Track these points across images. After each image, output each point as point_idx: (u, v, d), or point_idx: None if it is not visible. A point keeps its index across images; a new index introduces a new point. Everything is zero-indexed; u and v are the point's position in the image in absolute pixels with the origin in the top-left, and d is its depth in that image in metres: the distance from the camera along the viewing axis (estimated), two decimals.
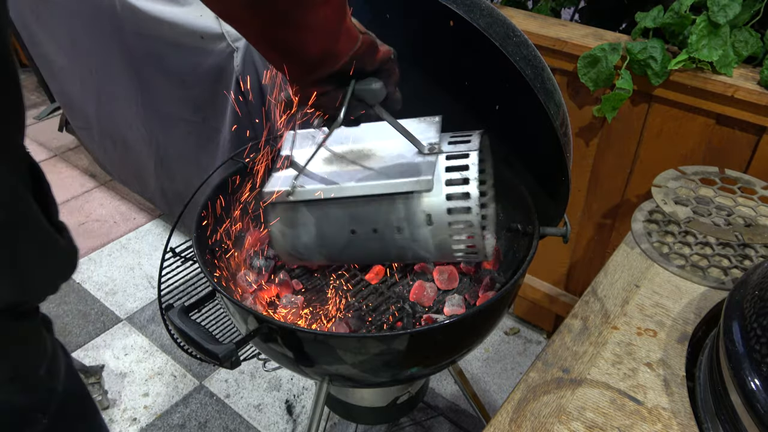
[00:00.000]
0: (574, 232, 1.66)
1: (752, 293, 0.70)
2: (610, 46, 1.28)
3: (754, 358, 0.63)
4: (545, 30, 1.39)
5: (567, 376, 0.79)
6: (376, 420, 1.27)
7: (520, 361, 1.88)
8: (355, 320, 0.94)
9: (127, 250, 2.31)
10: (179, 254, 1.05)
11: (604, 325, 0.87)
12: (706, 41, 1.19)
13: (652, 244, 1.01)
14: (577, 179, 1.55)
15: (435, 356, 0.89)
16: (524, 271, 0.88)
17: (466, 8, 0.76)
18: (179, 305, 0.80)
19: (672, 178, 1.10)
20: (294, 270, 1.08)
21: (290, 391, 1.78)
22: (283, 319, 0.95)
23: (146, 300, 2.08)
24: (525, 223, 1.01)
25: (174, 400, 1.75)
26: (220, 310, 1.18)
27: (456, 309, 0.96)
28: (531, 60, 0.79)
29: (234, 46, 1.58)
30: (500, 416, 0.74)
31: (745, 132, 1.25)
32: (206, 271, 0.86)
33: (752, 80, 1.20)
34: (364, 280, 1.06)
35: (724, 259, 0.99)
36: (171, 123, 1.86)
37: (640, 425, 0.73)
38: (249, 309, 0.83)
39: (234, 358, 0.75)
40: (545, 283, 1.83)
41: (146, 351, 1.90)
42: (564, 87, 1.44)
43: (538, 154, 1.02)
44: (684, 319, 0.87)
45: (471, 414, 1.70)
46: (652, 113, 1.35)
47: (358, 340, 0.82)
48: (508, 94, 0.93)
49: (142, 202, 2.54)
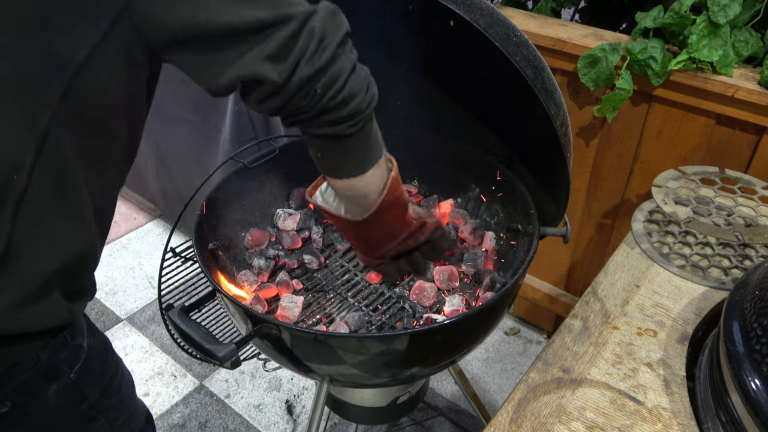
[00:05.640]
0: (574, 232, 1.66)
1: (752, 293, 0.70)
2: (610, 46, 1.28)
3: (754, 358, 0.63)
4: (545, 30, 1.39)
5: (567, 376, 0.79)
6: (376, 420, 1.27)
7: (520, 361, 1.88)
8: (355, 320, 0.94)
9: (127, 250, 2.31)
10: (179, 254, 1.05)
11: (605, 325, 0.87)
12: (707, 41, 1.19)
13: (653, 244, 1.01)
14: (577, 179, 1.55)
15: (435, 356, 0.89)
16: (524, 271, 0.88)
17: (466, 8, 0.76)
18: (179, 305, 0.81)
19: (672, 178, 1.10)
20: (294, 270, 1.08)
21: (290, 391, 1.78)
22: (283, 319, 0.95)
23: (146, 300, 2.08)
24: (525, 223, 1.01)
25: (174, 400, 1.75)
26: (220, 310, 1.18)
27: (455, 309, 0.96)
28: (531, 60, 0.79)
29: None
30: (500, 416, 0.74)
31: (746, 132, 1.25)
32: (206, 271, 0.86)
33: (752, 80, 1.20)
34: (364, 280, 1.06)
35: (725, 259, 0.99)
36: (171, 123, 1.86)
37: (640, 425, 0.73)
38: (249, 309, 0.83)
39: (234, 358, 0.75)
40: (545, 283, 1.83)
41: (146, 351, 1.90)
42: (564, 87, 1.44)
43: (538, 154, 1.02)
44: (684, 319, 0.87)
45: (471, 414, 1.70)
46: (652, 113, 1.35)
47: (358, 340, 0.82)
48: (509, 94, 0.93)
49: (143, 202, 2.54)
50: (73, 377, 0.73)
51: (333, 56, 0.61)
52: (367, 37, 1.03)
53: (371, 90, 0.67)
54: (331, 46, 0.61)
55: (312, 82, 0.61)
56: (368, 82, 0.67)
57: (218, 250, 1.01)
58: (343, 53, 0.62)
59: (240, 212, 1.10)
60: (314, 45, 0.59)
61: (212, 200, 1.00)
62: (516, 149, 1.08)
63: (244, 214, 1.11)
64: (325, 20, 0.60)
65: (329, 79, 0.61)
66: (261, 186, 1.13)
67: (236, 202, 1.08)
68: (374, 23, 0.99)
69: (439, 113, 1.15)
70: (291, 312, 0.95)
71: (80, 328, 0.74)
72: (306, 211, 1.14)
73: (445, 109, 1.14)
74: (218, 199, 1.02)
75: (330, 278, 1.06)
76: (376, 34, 1.01)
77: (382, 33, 1.01)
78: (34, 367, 0.67)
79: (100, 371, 0.78)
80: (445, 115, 1.14)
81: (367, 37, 1.03)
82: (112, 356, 0.83)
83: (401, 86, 1.14)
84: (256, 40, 0.58)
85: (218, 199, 1.02)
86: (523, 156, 1.07)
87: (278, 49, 0.58)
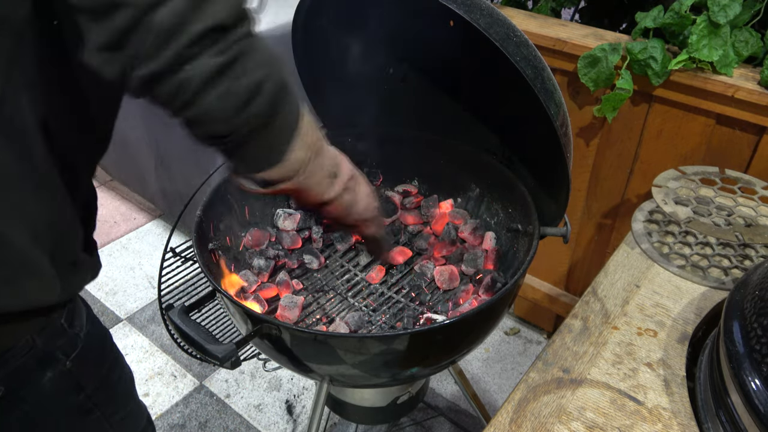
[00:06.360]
0: (574, 232, 1.66)
1: (752, 293, 0.70)
2: (610, 46, 1.28)
3: (754, 358, 0.63)
4: (545, 30, 1.39)
5: (567, 376, 0.79)
6: (376, 420, 1.27)
7: (520, 361, 1.88)
8: (355, 320, 0.94)
9: (127, 250, 2.31)
10: (179, 254, 1.05)
11: (605, 325, 0.87)
12: (707, 41, 1.19)
13: (653, 244, 1.01)
14: (577, 179, 1.55)
15: (435, 356, 0.89)
16: (524, 271, 0.88)
17: (466, 8, 0.76)
18: (179, 305, 0.81)
19: (672, 178, 1.10)
20: (294, 270, 1.08)
21: (290, 391, 1.78)
22: (283, 319, 0.95)
23: (146, 300, 2.08)
24: (525, 223, 1.01)
25: (174, 400, 1.75)
26: (220, 310, 1.18)
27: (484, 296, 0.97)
28: (531, 60, 0.79)
29: None
30: (500, 416, 0.74)
31: (746, 132, 1.25)
32: (206, 271, 0.86)
33: (752, 80, 1.20)
34: (364, 280, 1.06)
35: (725, 259, 0.99)
36: (171, 123, 1.86)
37: (640, 425, 0.73)
38: (249, 309, 0.83)
39: (234, 358, 0.75)
40: (545, 283, 1.83)
41: (146, 351, 1.90)
42: (564, 87, 1.44)
43: (538, 154, 1.02)
44: (684, 319, 0.87)
45: (471, 414, 1.70)
46: (652, 113, 1.35)
47: (358, 341, 0.82)
48: (509, 94, 0.93)
49: (143, 202, 2.54)
50: (69, 366, 0.72)
51: (177, 59, 0.48)
52: (367, 38, 1.04)
53: (256, 106, 0.53)
54: (177, 45, 0.47)
55: (150, 89, 0.50)
56: (249, 96, 0.52)
57: (218, 250, 1.01)
58: (199, 56, 0.48)
59: (240, 212, 1.10)
60: (151, 42, 0.47)
61: (212, 200, 1.00)
62: (516, 149, 1.08)
63: (244, 214, 1.11)
64: (176, 10, 0.46)
65: (172, 89, 0.49)
66: None
67: (236, 202, 1.08)
68: (374, 23, 0.99)
69: (439, 113, 1.15)
70: (291, 312, 0.95)
71: (79, 316, 0.73)
72: (306, 212, 1.14)
73: (445, 109, 1.14)
74: (218, 199, 1.02)
75: (330, 278, 1.06)
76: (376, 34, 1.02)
77: (383, 33, 1.01)
78: (29, 353, 0.67)
79: (98, 362, 0.78)
80: (445, 115, 1.14)
81: (367, 37, 1.04)
82: (111, 349, 0.82)
83: (401, 86, 1.14)
84: (94, 27, 0.47)
85: (218, 199, 1.02)
86: (523, 156, 1.07)
87: (109, 41, 0.47)
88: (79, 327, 0.73)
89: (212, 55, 0.49)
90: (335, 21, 1.01)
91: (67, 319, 0.71)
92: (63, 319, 0.70)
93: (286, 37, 1.07)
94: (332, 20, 1.00)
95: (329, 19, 1.00)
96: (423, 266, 1.06)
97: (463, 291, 1.01)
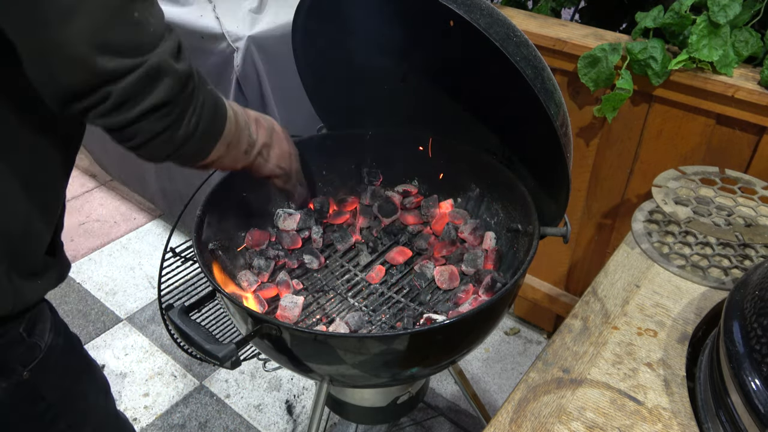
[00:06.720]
0: (574, 232, 1.66)
1: (752, 293, 0.70)
2: (610, 46, 1.28)
3: (754, 358, 0.63)
4: (545, 30, 1.39)
5: (567, 376, 0.79)
6: (376, 420, 1.27)
7: (520, 361, 1.88)
8: (355, 320, 0.94)
9: (127, 250, 2.31)
10: (179, 254, 1.05)
11: (605, 325, 0.87)
12: (707, 41, 1.19)
13: (653, 244, 1.01)
14: (577, 179, 1.55)
15: (435, 356, 0.89)
16: (524, 271, 0.88)
17: (466, 8, 0.76)
18: (179, 305, 0.80)
19: (672, 178, 1.10)
20: (294, 270, 1.08)
21: (290, 391, 1.78)
22: (283, 319, 0.95)
23: (146, 300, 2.08)
24: (525, 223, 1.01)
25: (174, 400, 1.75)
26: (220, 310, 1.18)
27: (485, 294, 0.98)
28: (531, 60, 0.79)
29: (234, 46, 1.58)
30: (500, 416, 0.74)
31: (746, 132, 1.25)
32: (206, 271, 0.86)
33: (752, 80, 1.20)
34: (364, 280, 1.06)
35: (725, 259, 0.99)
36: None
37: (640, 425, 0.73)
38: (249, 309, 0.83)
39: (234, 358, 0.75)
40: (545, 283, 1.83)
41: (146, 351, 1.90)
42: (564, 87, 1.44)
43: (538, 154, 1.02)
44: (684, 319, 0.87)
45: (471, 414, 1.70)
46: (652, 113, 1.35)
47: (358, 340, 0.82)
48: (509, 94, 0.93)
49: (143, 202, 2.54)
50: (27, 376, 0.70)
51: (127, 124, 0.59)
52: (367, 38, 1.04)
53: (190, 146, 0.66)
54: (128, 116, 0.58)
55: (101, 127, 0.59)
56: (185, 139, 0.65)
57: (218, 250, 1.01)
58: (146, 121, 0.59)
59: (240, 212, 1.09)
60: (110, 106, 0.56)
61: (212, 200, 1.00)
62: (516, 149, 1.08)
63: (244, 214, 1.11)
64: (137, 85, 0.56)
65: (118, 136, 0.60)
66: (261, 186, 1.13)
67: (236, 202, 1.08)
68: (374, 23, 0.99)
69: (439, 113, 1.15)
70: (291, 312, 0.95)
71: (41, 325, 0.72)
72: (306, 212, 1.14)
73: (445, 109, 1.14)
74: (218, 199, 1.02)
75: (330, 278, 1.06)
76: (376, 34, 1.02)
77: (383, 33, 1.01)
78: None
79: (62, 372, 0.76)
80: (445, 115, 1.14)
81: (367, 37, 1.04)
82: (80, 359, 0.80)
83: (401, 87, 1.14)
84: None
85: (218, 199, 1.02)
86: (523, 156, 1.07)
87: (64, 100, 0.56)
88: (39, 336, 0.72)
89: (157, 120, 0.60)
90: (335, 21, 1.01)
91: (27, 328, 0.69)
92: (22, 328, 0.69)
93: (286, 37, 1.07)
94: (332, 20, 1.00)
95: (329, 19, 1.00)
96: (423, 266, 1.06)
97: (463, 291, 1.01)
